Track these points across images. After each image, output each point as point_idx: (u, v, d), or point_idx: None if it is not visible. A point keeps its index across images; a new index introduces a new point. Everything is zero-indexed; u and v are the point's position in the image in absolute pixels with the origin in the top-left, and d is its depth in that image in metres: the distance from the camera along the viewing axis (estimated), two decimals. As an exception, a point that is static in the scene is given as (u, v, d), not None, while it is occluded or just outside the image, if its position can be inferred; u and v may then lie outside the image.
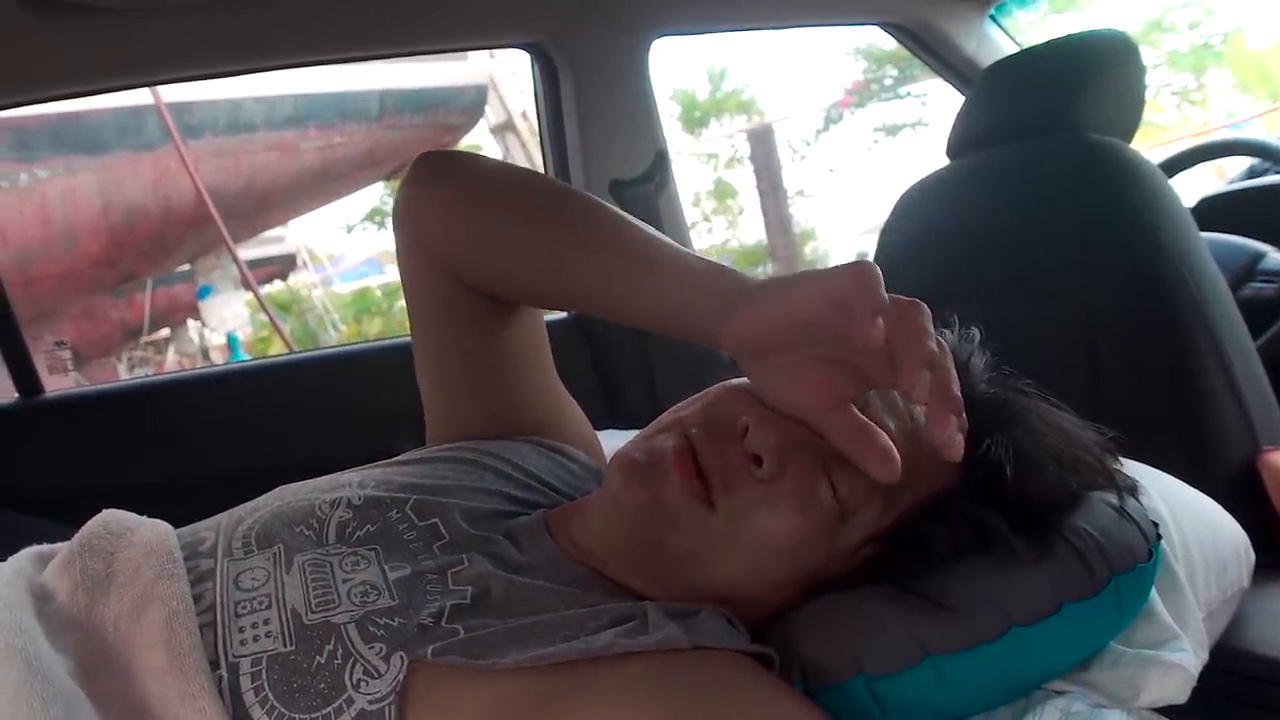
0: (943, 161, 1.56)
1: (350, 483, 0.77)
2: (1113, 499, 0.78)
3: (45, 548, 0.71)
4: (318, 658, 0.60)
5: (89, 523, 0.70)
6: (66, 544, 0.68)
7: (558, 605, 0.68)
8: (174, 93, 6.37)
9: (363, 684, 0.59)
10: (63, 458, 1.59)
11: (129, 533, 0.68)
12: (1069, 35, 1.41)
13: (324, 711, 0.58)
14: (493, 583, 0.68)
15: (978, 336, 0.83)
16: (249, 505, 0.76)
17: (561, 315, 1.99)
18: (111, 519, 0.70)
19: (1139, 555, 0.75)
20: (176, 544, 0.68)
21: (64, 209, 6.56)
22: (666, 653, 0.63)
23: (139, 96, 6.16)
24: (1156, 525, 0.79)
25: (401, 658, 0.61)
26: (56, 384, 1.78)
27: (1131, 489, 0.80)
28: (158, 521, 0.72)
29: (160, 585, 0.63)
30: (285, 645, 0.61)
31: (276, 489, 0.79)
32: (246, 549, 0.69)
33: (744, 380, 0.76)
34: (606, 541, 0.74)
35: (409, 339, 0.90)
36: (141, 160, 6.73)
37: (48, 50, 1.46)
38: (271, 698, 0.59)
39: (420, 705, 0.59)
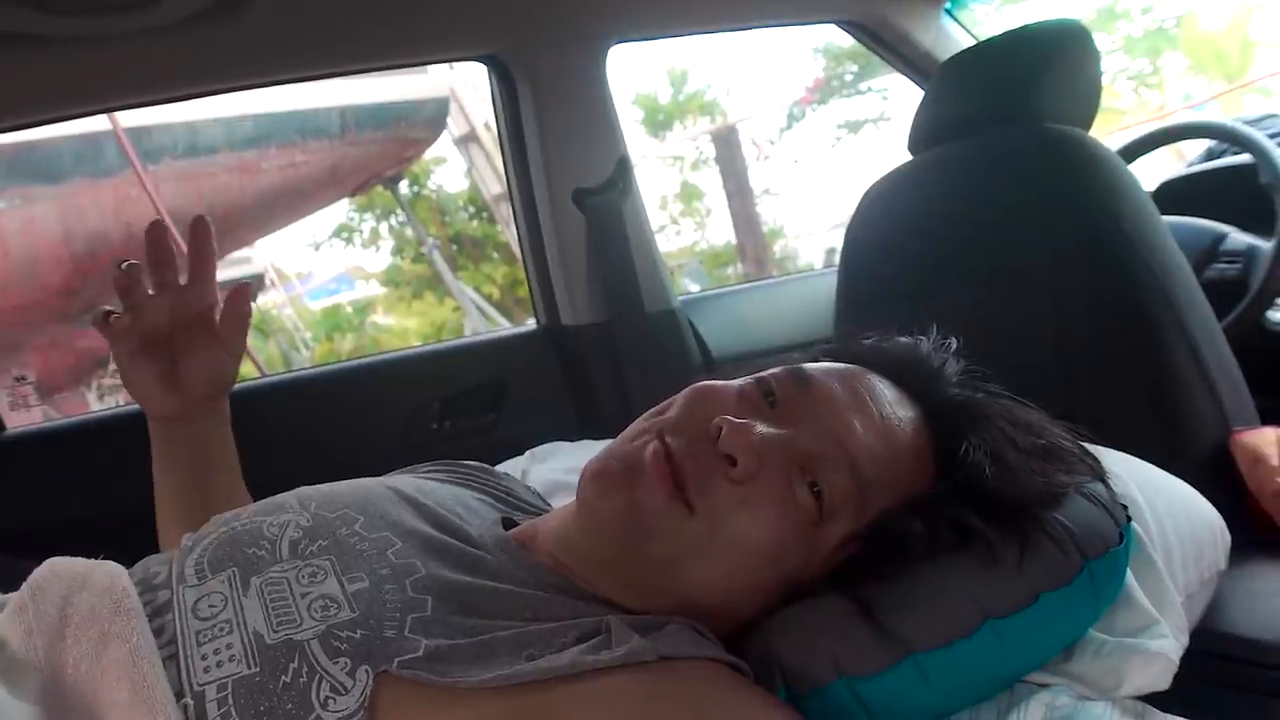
0: (906, 156, 1.57)
1: (290, 505, 0.76)
2: (1082, 486, 0.78)
3: None
4: (283, 677, 0.59)
5: (35, 571, 0.68)
6: (15, 594, 0.67)
7: (523, 611, 0.67)
8: (131, 117, 6.28)
9: (330, 701, 0.58)
10: (27, 494, 1.56)
11: (78, 577, 0.67)
12: (1024, 26, 1.42)
13: None
14: (453, 589, 0.68)
15: (954, 345, 0.84)
16: (194, 535, 0.74)
17: (531, 327, 1.98)
18: (59, 564, 0.69)
19: (1110, 539, 0.75)
20: (130, 582, 0.67)
21: (23, 240, 6.45)
22: (634, 666, 0.62)
23: (96, 123, 6.07)
24: (1125, 508, 0.80)
25: (367, 671, 0.60)
26: (20, 420, 1.75)
27: (1099, 475, 0.80)
28: (106, 563, 0.70)
29: (118, 622, 0.62)
30: (249, 667, 0.60)
31: (213, 519, 0.76)
32: (200, 575, 0.68)
33: (715, 383, 0.76)
34: (583, 553, 0.73)
35: (383, 358, 0.92)
36: (101, 187, 6.62)
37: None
38: None
39: None
